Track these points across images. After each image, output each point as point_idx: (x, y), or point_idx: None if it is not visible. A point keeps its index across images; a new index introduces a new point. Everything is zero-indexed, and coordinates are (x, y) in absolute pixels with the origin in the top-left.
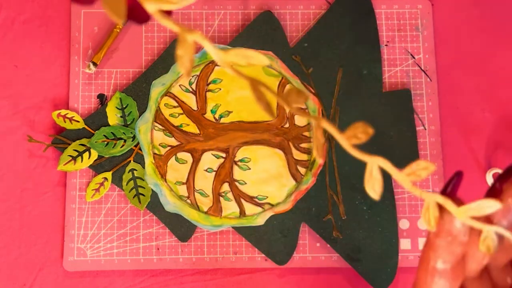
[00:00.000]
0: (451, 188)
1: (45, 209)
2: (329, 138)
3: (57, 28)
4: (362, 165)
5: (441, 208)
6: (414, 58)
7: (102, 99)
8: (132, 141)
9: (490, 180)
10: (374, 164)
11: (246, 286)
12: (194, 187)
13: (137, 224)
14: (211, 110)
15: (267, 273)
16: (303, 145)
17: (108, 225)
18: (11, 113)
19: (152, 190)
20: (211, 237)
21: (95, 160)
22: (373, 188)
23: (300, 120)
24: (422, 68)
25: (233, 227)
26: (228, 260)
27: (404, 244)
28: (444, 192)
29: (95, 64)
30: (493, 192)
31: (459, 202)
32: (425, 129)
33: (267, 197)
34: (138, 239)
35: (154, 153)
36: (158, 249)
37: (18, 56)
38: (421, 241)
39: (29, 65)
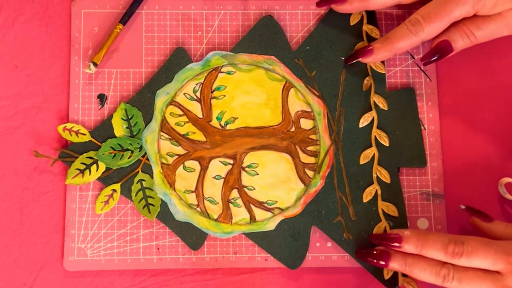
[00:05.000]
0: None
1: (46, 209)
2: (335, 140)
3: (57, 28)
4: (369, 166)
5: None
6: (413, 58)
7: (102, 99)
8: (139, 151)
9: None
10: None
11: (246, 286)
12: (203, 195)
13: (137, 224)
14: (217, 117)
15: (267, 273)
16: (310, 148)
17: (108, 225)
18: (11, 113)
19: (162, 199)
20: (211, 236)
21: (103, 172)
22: None
23: (305, 123)
24: (422, 68)
25: (244, 233)
26: (228, 260)
27: None
28: None
29: (95, 64)
30: None
31: None
32: (425, 129)
33: (277, 201)
34: (138, 239)
35: (162, 163)
36: (158, 249)
37: (18, 56)
38: None
39: (29, 65)
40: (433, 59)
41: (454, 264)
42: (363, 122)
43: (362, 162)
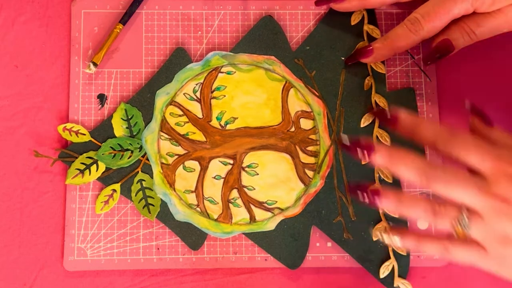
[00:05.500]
0: None
1: (45, 209)
2: (335, 140)
3: (57, 28)
4: (369, 166)
5: None
6: (413, 58)
7: (102, 99)
8: (139, 151)
9: None
10: None
11: (246, 286)
12: (203, 195)
13: (137, 224)
14: (217, 117)
15: (267, 273)
16: (310, 148)
17: (108, 225)
18: (11, 113)
19: (162, 199)
20: (211, 236)
21: (103, 172)
22: None
23: (305, 123)
24: (422, 68)
25: (244, 233)
26: (228, 260)
27: None
28: None
29: (95, 64)
30: None
31: None
32: None
33: (276, 201)
34: (138, 239)
35: (162, 163)
36: (158, 249)
37: (18, 56)
38: None
39: (29, 65)
40: (434, 58)
41: (442, 166)
42: (365, 122)
43: (364, 161)
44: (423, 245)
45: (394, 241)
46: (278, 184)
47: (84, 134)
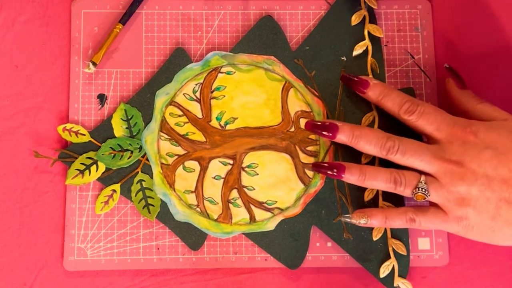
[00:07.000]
0: None
1: (45, 209)
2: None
3: (57, 28)
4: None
5: None
6: (413, 58)
7: (102, 99)
8: (139, 152)
9: None
10: None
11: (246, 286)
12: (203, 195)
13: (137, 224)
14: (216, 118)
15: (267, 273)
16: (310, 148)
17: (108, 225)
18: (11, 113)
19: (161, 200)
20: (211, 236)
21: (103, 173)
22: None
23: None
24: (422, 68)
25: (244, 233)
26: (228, 260)
27: None
28: None
29: (94, 64)
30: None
31: None
32: None
33: (276, 201)
34: (138, 239)
35: (162, 163)
36: (158, 249)
37: (18, 56)
38: (421, 241)
39: (29, 65)
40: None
41: (399, 137)
42: (365, 122)
43: (364, 161)
44: (390, 221)
45: (361, 222)
46: (278, 184)
47: (84, 135)
